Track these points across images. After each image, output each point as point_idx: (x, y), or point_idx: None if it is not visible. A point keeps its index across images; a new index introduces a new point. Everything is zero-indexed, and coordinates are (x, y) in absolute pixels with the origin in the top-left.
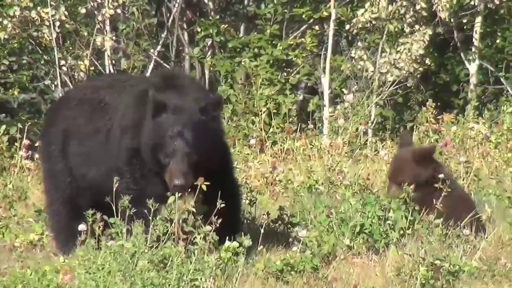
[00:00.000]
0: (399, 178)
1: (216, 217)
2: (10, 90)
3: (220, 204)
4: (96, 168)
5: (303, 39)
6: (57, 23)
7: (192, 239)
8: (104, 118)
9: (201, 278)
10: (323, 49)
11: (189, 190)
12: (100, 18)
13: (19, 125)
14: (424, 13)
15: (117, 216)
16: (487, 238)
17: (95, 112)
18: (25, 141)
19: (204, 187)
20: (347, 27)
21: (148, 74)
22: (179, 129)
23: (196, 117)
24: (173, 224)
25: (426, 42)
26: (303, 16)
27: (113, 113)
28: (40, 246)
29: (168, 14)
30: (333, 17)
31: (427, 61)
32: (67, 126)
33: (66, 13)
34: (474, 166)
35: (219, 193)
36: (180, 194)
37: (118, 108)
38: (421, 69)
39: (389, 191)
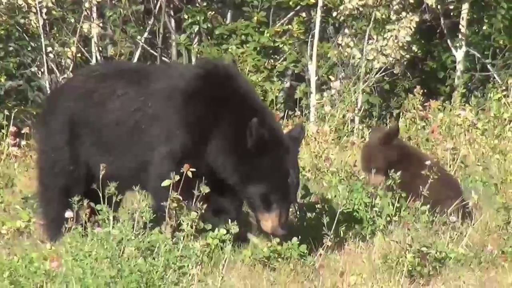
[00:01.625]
0: (371, 165)
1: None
2: None
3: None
4: (121, 160)
5: (290, 26)
6: (44, 10)
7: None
8: (126, 109)
9: (188, 265)
10: (310, 36)
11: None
12: (87, 5)
13: (6, 112)
14: (411, 0)
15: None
16: (473, 225)
17: (110, 102)
18: (12, 128)
19: (189, 174)
20: (334, 14)
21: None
22: (295, 179)
23: (296, 156)
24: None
25: (413, 29)
26: (290, 3)
27: (137, 106)
28: (27, 233)
29: (155, 1)
30: (320, 4)
31: (414, 48)
32: (74, 116)
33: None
34: (461, 153)
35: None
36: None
37: (147, 102)
38: (408, 56)
39: (370, 181)
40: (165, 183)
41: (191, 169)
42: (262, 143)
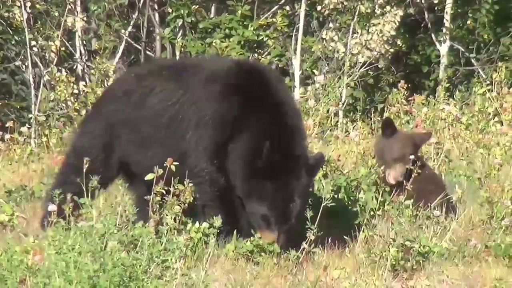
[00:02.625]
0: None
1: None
2: None
3: None
4: (153, 153)
5: (274, 20)
6: (28, 4)
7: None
8: (164, 103)
9: (171, 259)
10: (294, 30)
11: None
12: None
13: None
14: None
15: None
16: (457, 219)
17: (147, 99)
18: None
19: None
20: (319, 8)
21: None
22: (298, 207)
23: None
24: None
25: (397, 23)
26: None
27: (176, 98)
28: (10, 226)
29: None
30: None
31: (398, 42)
32: (113, 120)
33: None
34: (445, 147)
35: None
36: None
37: (185, 93)
38: (392, 50)
39: (393, 175)
40: (149, 176)
41: None
42: (271, 168)
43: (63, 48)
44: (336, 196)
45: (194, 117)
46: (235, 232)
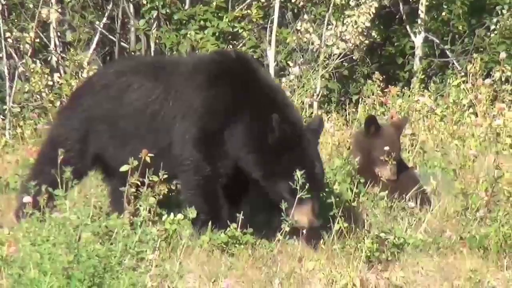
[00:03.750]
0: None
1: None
2: None
3: None
4: (132, 148)
5: (249, 11)
6: None
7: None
8: (144, 100)
9: (146, 250)
10: (269, 22)
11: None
12: None
13: None
14: None
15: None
16: (432, 210)
17: (126, 96)
18: None
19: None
20: None
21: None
22: (320, 169)
23: (317, 147)
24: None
25: (372, 15)
26: None
27: (156, 95)
28: None
29: None
30: None
31: (373, 33)
32: (91, 113)
33: None
34: (420, 138)
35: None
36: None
37: (167, 89)
38: (367, 41)
39: (386, 174)
40: (123, 168)
41: None
42: (285, 139)
43: (37, 40)
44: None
45: (180, 111)
46: (210, 223)
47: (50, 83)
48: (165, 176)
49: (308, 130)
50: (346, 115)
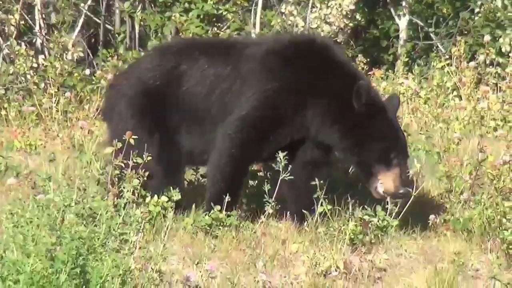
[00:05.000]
0: None
1: None
2: None
3: None
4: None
5: None
6: None
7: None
8: (211, 81)
9: (129, 232)
10: (254, 4)
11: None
12: None
13: None
14: None
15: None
16: (416, 193)
17: (193, 77)
18: None
19: (131, 141)
20: None
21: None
22: (404, 136)
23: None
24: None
25: None
26: None
27: (225, 75)
28: None
29: None
30: None
31: (357, 16)
32: (153, 96)
33: None
34: (404, 121)
35: None
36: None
37: (235, 70)
38: (351, 24)
39: None
40: (108, 150)
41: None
42: (372, 105)
43: (22, 22)
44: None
45: (249, 91)
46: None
47: (35, 65)
48: None
49: (388, 104)
50: None
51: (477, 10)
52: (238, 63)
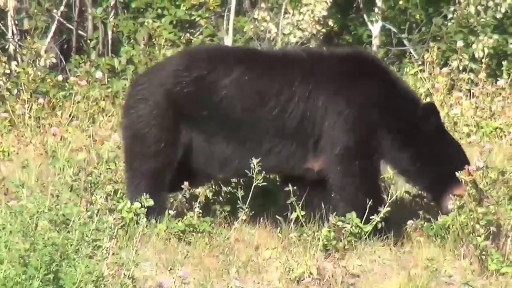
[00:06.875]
0: None
1: None
2: None
3: None
4: (253, 148)
5: None
6: None
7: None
8: (261, 95)
9: (102, 239)
10: (226, 10)
11: None
12: None
13: None
14: None
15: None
16: (389, 200)
17: (232, 87)
18: None
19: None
20: None
21: (50, 35)
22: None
23: None
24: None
25: (329, 4)
26: None
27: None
28: None
29: None
30: None
31: (330, 22)
32: (179, 100)
33: None
34: None
35: None
36: None
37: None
38: (324, 30)
39: None
40: (80, 156)
41: None
42: (438, 127)
43: None
44: (267, 175)
45: (324, 112)
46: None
47: (8, 71)
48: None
49: None
50: None
51: (450, 16)
52: (297, 81)
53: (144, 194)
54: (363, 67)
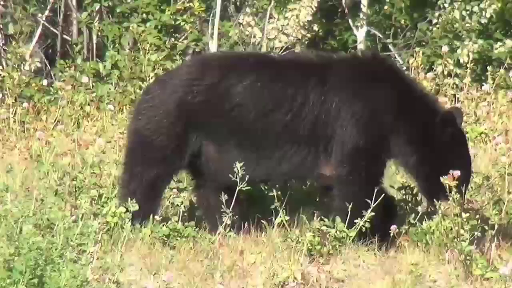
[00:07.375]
0: None
1: None
2: None
3: None
4: (263, 155)
5: (191, 4)
6: None
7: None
8: (274, 102)
9: (87, 243)
10: (211, 15)
11: None
12: None
13: None
14: None
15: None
16: (374, 204)
17: (246, 94)
18: None
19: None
20: None
21: (36, 39)
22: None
23: None
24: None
25: (314, 9)
26: None
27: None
28: None
29: None
30: None
31: (315, 27)
32: (189, 106)
33: None
34: None
35: None
36: None
37: (302, 95)
38: (309, 35)
39: None
40: (65, 160)
41: None
42: (455, 135)
43: None
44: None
45: (337, 117)
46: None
47: None
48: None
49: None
50: None
51: (435, 21)
52: (311, 85)
53: (139, 200)
54: (378, 72)
